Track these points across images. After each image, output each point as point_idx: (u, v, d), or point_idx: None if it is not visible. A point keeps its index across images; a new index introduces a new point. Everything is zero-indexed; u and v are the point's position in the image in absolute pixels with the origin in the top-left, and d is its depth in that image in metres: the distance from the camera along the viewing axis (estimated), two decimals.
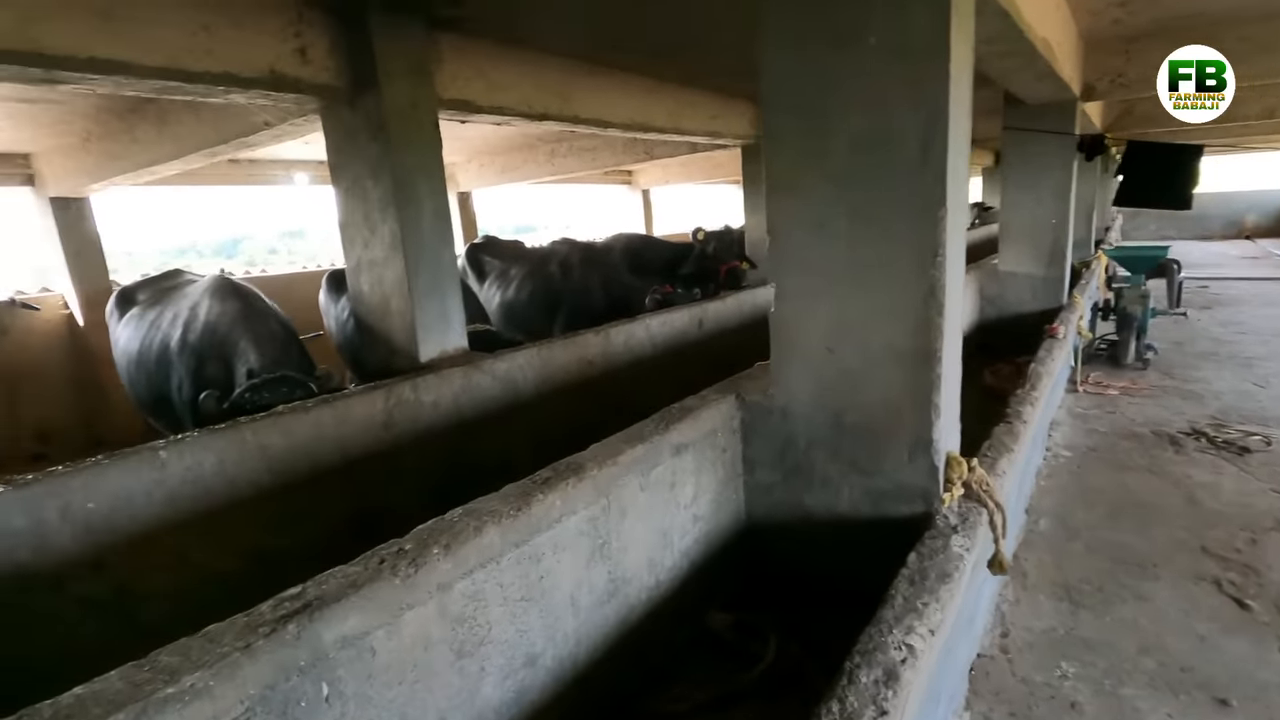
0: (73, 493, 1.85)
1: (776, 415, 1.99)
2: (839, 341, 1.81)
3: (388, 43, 2.81)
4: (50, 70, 2.10)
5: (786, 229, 1.84)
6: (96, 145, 4.77)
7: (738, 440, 2.10)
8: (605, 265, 5.25)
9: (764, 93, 1.81)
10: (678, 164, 10.55)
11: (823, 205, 1.76)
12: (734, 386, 2.16)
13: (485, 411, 3.04)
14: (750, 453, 2.10)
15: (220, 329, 2.91)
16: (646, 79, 4.56)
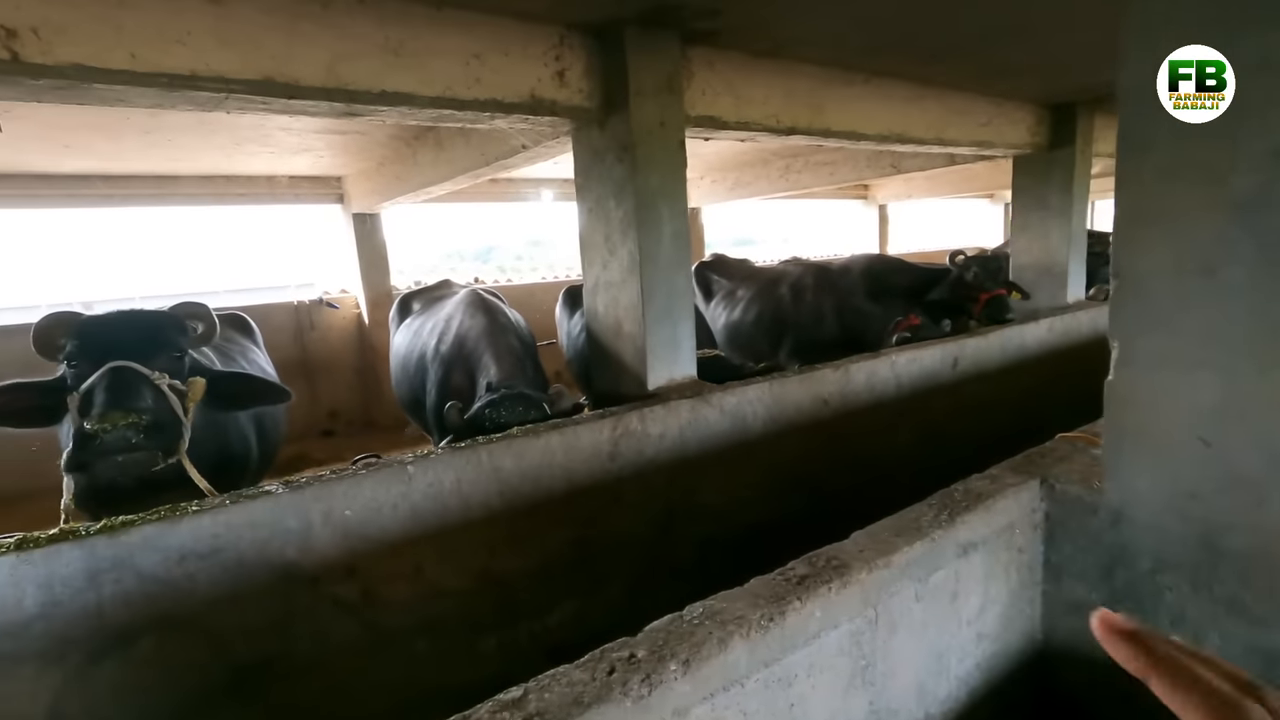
0: (335, 499, 1.97)
1: (1104, 517, 1.49)
2: (1224, 432, 1.28)
3: (640, 60, 2.73)
4: (350, 104, 2.30)
5: (1146, 272, 1.35)
6: (388, 169, 5.47)
7: (1038, 540, 1.62)
8: (841, 290, 4.81)
9: (1124, 85, 1.35)
10: (924, 177, 9.61)
11: (1213, 244, 1.26)
12: (1034, 467, 1.69)
13: (710, 448, 2.83)
14: (1055, 558, 1.61)
15: (467, 342, 3.05)
16: (909, 85, 4.06)
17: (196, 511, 1.77)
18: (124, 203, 5.64)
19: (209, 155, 4.86)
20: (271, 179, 5.90)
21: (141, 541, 1.70)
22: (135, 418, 1.83)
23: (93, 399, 1.84)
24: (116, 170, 5.17)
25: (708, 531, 2.84)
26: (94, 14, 1.85)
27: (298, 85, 2.17)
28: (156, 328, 2.07)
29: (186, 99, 2.08)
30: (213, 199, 5.87)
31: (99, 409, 1.82)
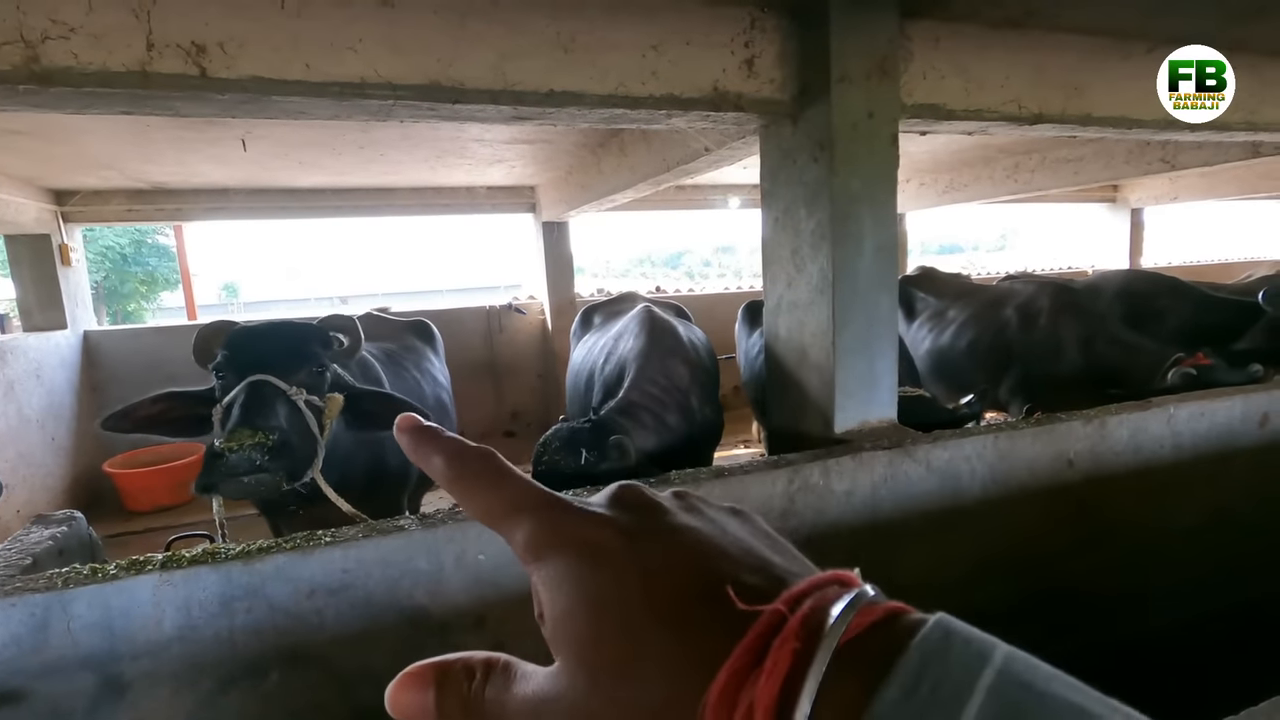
0: (469, 541, 1.78)
1: None
2: None
3: (847, 40, 2.28)
4: (517, 106, 2.12)
5: None
6: (574, 177, 5.47)
7: None
8: (1090, 315, 3.89)
9: None
10: (1198, 175, 7.80)
11: None
12: None
13: (912, 511, 2.29)
14: None
15: (624, 364, 2.80)
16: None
17: (329, 543, 1.67)
18: (351, 213, 6.25)
19: (415, 168, 5.17)
20: (471, 190, 6.21)
21: (274, 571, 1.62)
22: (263, 437, 1.78)
23: (229, 414, 1.82)
24: (343, 184, 5.72)
25: None
26: (272, 25, 1.84)
27: (463, 88, 2.04)
28: (300, 340, 2.04)
29: (357, 108, 2.03)
30: (422, 209, 6.31)
31: (230, 426, 1.78)
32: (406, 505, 2.95)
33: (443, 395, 3.29)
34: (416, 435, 0.40)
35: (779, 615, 0.29)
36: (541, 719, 0.31)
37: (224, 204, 5.70)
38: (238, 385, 1.91)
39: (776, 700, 0.26)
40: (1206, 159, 5.07)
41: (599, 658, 0.31)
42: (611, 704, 0.30)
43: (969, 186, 6.91)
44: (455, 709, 0.35)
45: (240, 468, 1.76)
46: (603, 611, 0.31)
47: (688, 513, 0.37)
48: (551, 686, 0.32)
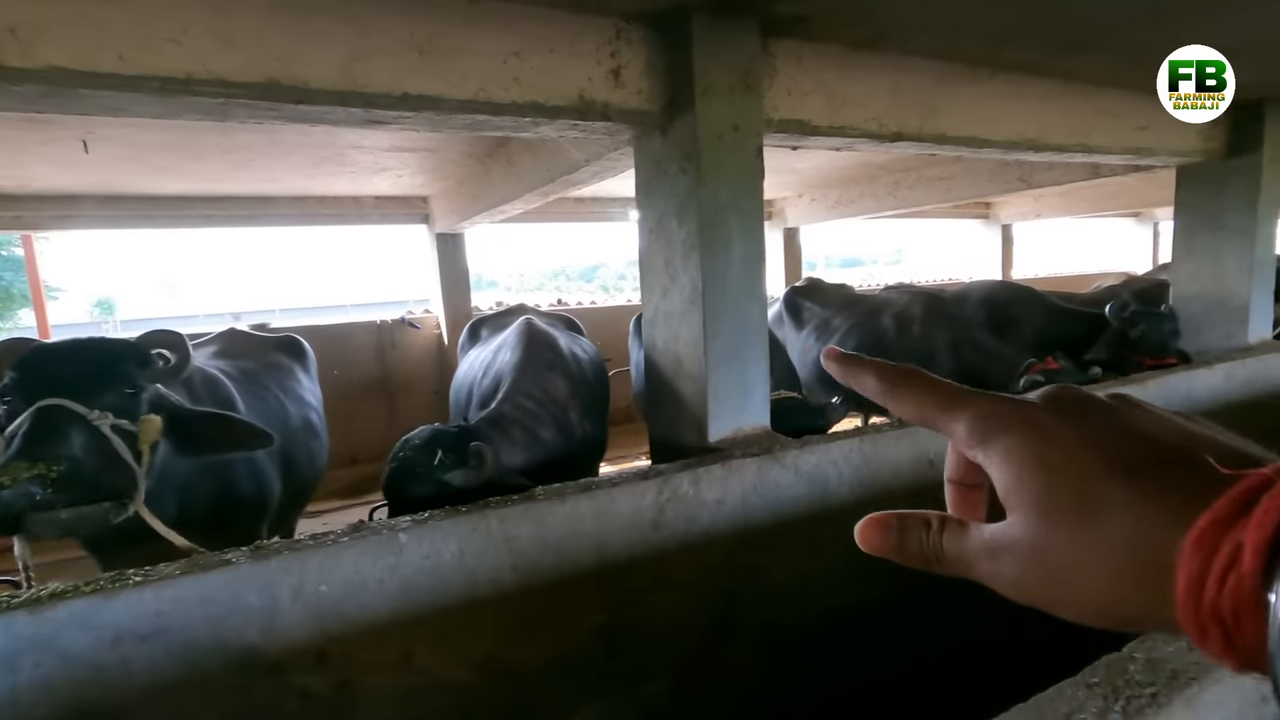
0: (308, 572, 1.65)
1: None
2: None
3: (710, 54, 2.31)
4: (369, 109, 2.02)
5: None
6: (465, 188, 5.34)
7: None
8: (957, 321, 4.13)
9: None
10: (1056, 194, 8.55)
11: None
12: None
13: (782, 517, 2.33)
14: None
15: (500, 378, 2.72)
16: (1046, 80, 3.40)
17: (139, 583, 1.50)
18: (224, 223, 5.84)
19: (291, 176, 4.89)
20: (357, 199, 5.94)
21: (70, 618, 1.44)
22: (43, 468, 1.58)
23: (12, 444, 1.62)
24: (211, 192, 5.33)
25: (775, 619, 2.33)
26: (77, 10, 1.67)
27: (307, 88, 1.92)
28: (107, 359, 1.83)
29: (185, 105, 1.87)
30: (304, 219, 5.98)
31: (5, 458, 1.58)
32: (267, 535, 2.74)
33: (311, 416, 3.08)
34: (844, 361, 0.47)
35: (1265, 478, 0.32)
36: (998, 558, 0.38)
37: (72, 211, 5.19)
38: (24, 412, 1.69)
39: (1270, 540, 0.29)
40: (1056, 179, 5.54)
41: (1057, 506, 0.36)
42: (1070, 543, 0.36)
43: (855, 202, 7.26)
44: (914, 549, 0.44)
45: (15, 504, 1.55)
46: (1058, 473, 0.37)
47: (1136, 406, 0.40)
48: (1006, 533, 0.38)
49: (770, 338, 3.84)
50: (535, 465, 2.43)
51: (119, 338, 2.00)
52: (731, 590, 2.25)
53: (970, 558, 0.40)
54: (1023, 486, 0.38)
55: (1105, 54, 3.13)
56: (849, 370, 0.47)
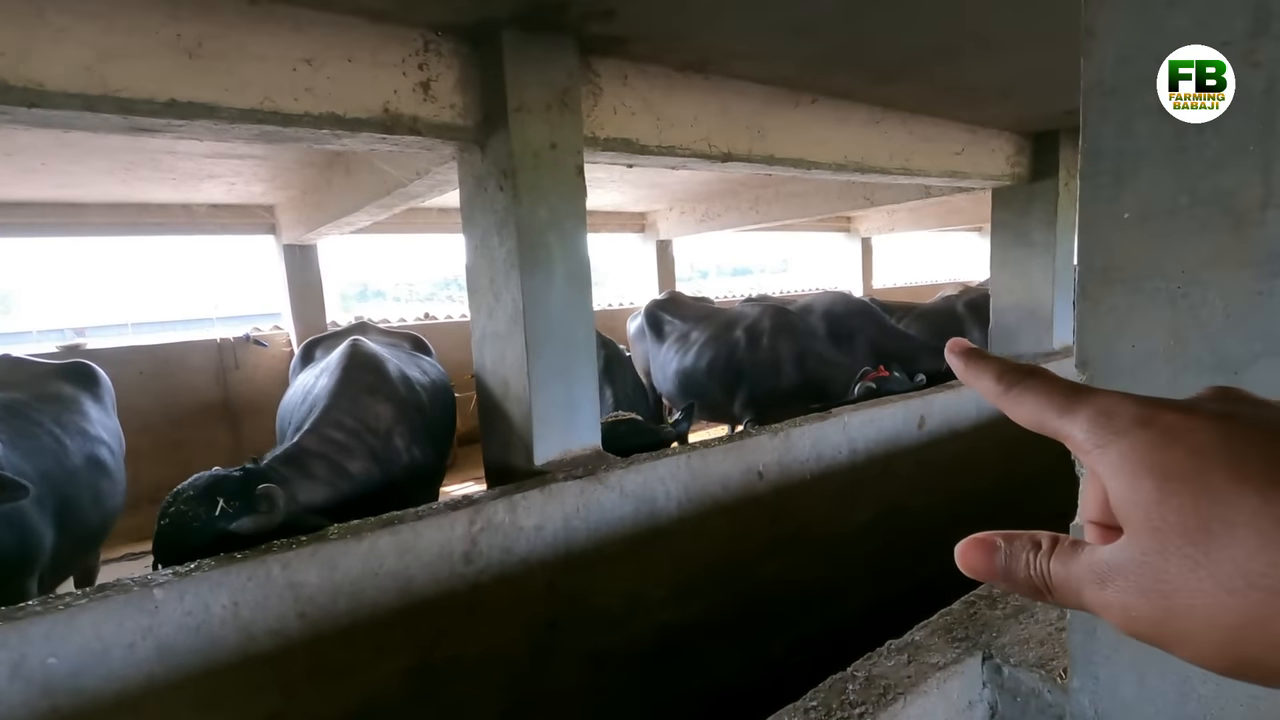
0: (30, 644, 1.44)
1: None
2: None
3: (522, 70, 2.27)
4: (128, 116, 1.82)
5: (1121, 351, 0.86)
6: (310, 197, 5.02)
7: None
8: (801, 334, 4.32)
9: None
10: (906, 210, 9.22)
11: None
12: (976, 628, 1.17)
13: (608, 538, 2.31)
14: None
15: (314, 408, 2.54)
16: (868, 108, 3.63)
17: None
18: (26, 232, 5.17)
19: (100, 182, 4.40)
20: (188, 207, 5.44)
21: None
22: None
23: None
24: (6, 197, 4.70)
25: (603, 644, 2.30)
26: None
27: (43, 90, 1.70)
28: None
29: None
30: (124, 228, 5.40)
31: None
32: (41, 589, 2.40)
33: (99, 452, 2.74)
34: (967, 356, 0.43)
35: None
36: (1106, 583, 0.34)
37: None
38: None
39: None
40: (896, 197, 5.95)
41: (1173, 522, 0.32)
42: (1188, 567, 0.31)
43: (721, 215, 7.48)
44: (1022, 574, 0.38)
45: None
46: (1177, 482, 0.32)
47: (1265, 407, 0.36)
48: (1116, 554, 0.34)
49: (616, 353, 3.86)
50: (345, 500, 2.27)
51: None
52: (554, 618, 2.20)
53: (1078, 583, 0.35)
54: (1136, 497, 0.33)
55: (914, 85, 3.37)
56: (970, 367, 0.42)
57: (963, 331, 5.67)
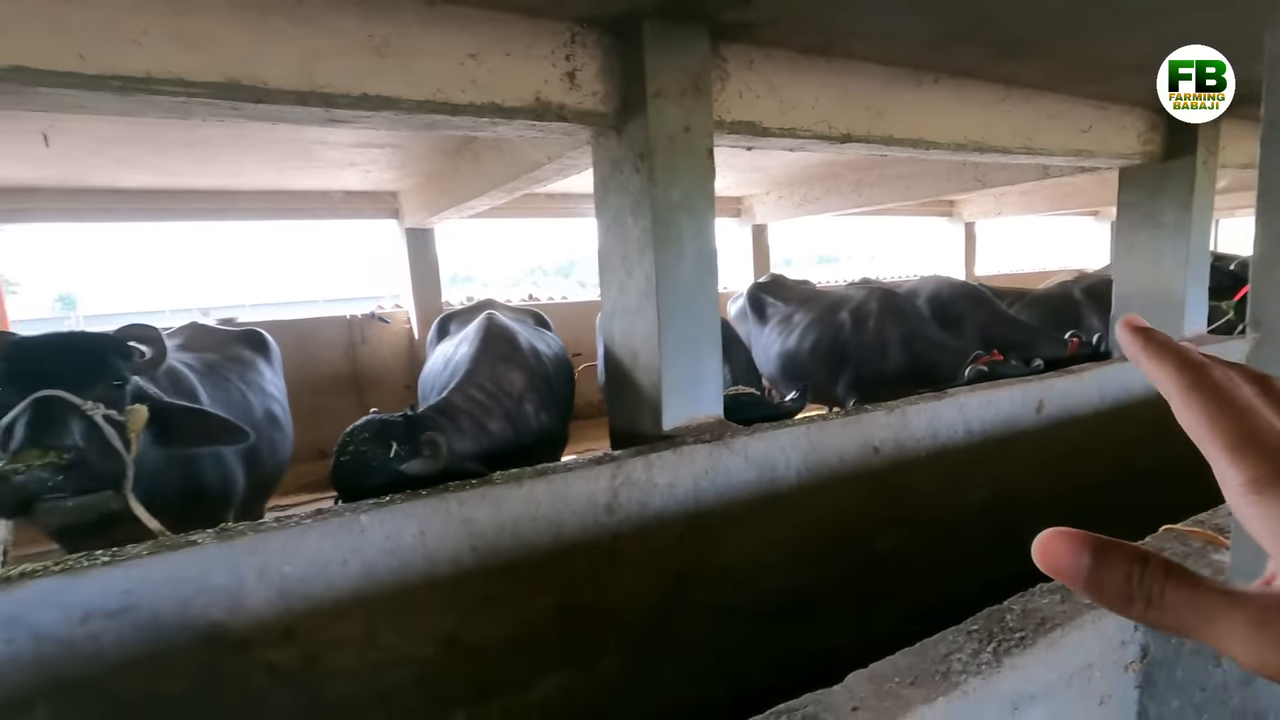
0: (272, 552, 1.73)
1: (1232, 668, 1.03)
2: None
3: (660, 58, 2.41)
4: (329, 109, 2.09)
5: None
6: (435, 184, 5.38)
7: (1131, 685, 1.17)
8: (909, 317, 4.30)
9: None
10: (1016, 193, 8.81)
11: None
12: None
13: (732, 501, 2.45)
14: (1159, 712, 1.15)
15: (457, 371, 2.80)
16: (990, 86, 3.56)
17: (107, 563, 1.57)
18: (187, 217, 5.80)
19: (257, 171, 4.90)
20: (326, 194, 5.94)
21: (39, 597, 1.50)
22: (55, 456, 1.65)
23: (12, 434, 1.67)
24: (175, 185, 5.30)
25: (726, 599, 2.45)
26: (39, 10, 1.71)
27: (266, 88, 1.98)
28: (94, 352, 1.90)
29: (147, 104, 1.93)
30: (271, 214, 5.97)
31: (14, 446, 1.64)
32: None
33: (274, 408, 3.13)
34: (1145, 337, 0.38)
35: None
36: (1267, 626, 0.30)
37: (33, 205, 5.13)
38: (20, 402, 1.74)
39: None
40: (1010, 178, 5.74)
41: None
42: None
43: (820, 199, 7.43)
44: (1116, 584, 0.34)
45: (31, 489, 1.61)
46: None
47: None
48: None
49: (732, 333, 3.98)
50: (483, 456, 2.51)
51: (99, 332, 2.05)
52: (683, 571, 2.37)
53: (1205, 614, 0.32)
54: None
55: (1041, 61, 3.29)
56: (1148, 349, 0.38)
57: (1079, 319, 5.44)
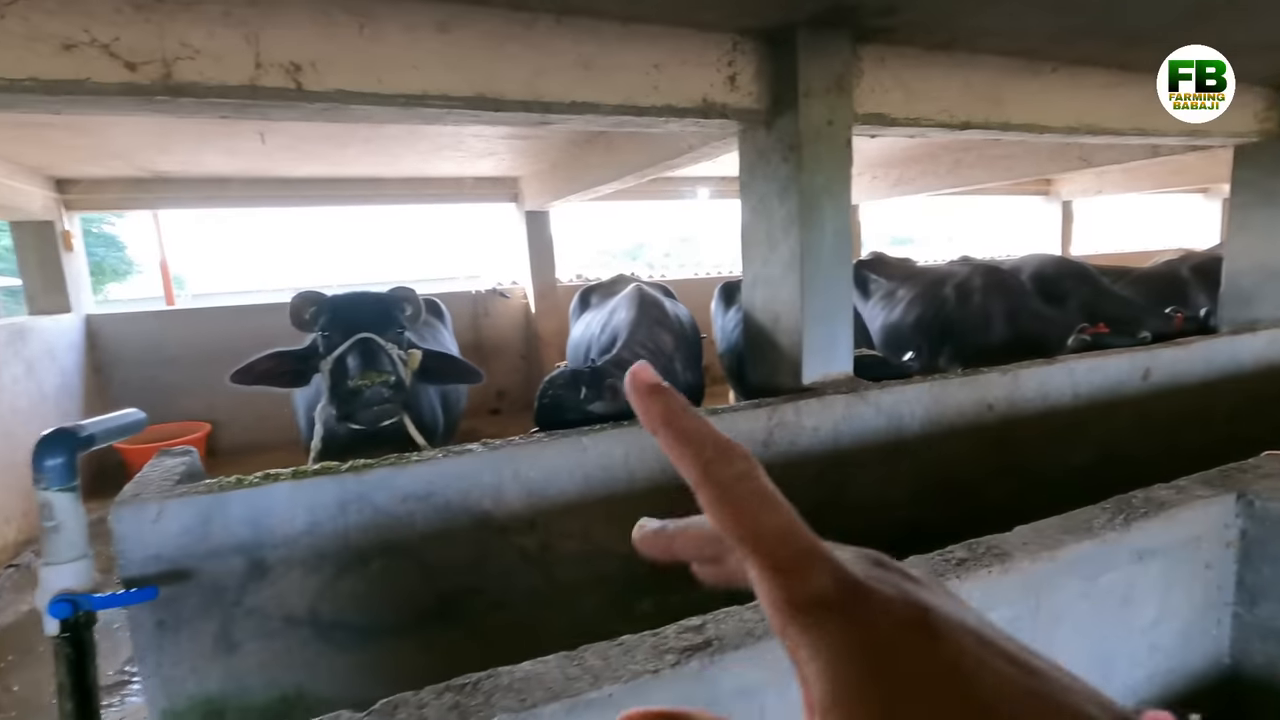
0: (521, 461, 2.25)
1: None
2: None
3: (811, 61, 2.80)
4: (545, 115, 2.58)
5: None
6: (560, 171, 5.90)
7: (1231, 558, 1.53)
8: (1013, 293, 4.53)
9: None
10: (1119, 171, 8.64)
11: None
12: (1231, 482, 1.58)
13: (865, 444, 2.85)
14: (1252, 579, 1.51)
15: (617, 334, 3.29)
16: (1104, 72, 3.76)
17: (417, 461, 2.13)
18: (342, 202, 6.56)
19: (412, 160, 5.54)
20: (459, 180, 6.58)
21: (377, 481, 2.07)
22: (385, 378, 2.23)
23: (347, 363, 2.26)
24: (339, 174, 6.03)
25: (856, 527, 2.86)
26: (353, 48, 2.26)
27: (502, 99, 2.49)
28: (387, 307, 2.48)
29: (417, 115, 2.47)
30: (411, 198, 6.66)
31: (357, 370, 2.23)
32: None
33: None
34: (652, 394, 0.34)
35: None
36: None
37: (220, 193, 5.96)
38: (342, 343, 2.35)
39: None
40: (1116, 157, 5.79)
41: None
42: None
43: (915, 180, 7.58)
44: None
45: (373, 400, 2.21)
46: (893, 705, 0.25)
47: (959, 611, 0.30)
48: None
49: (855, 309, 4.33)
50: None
51: (385, 292, 2.64)
52: (820, 502, 2.79)
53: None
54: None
55: (1160, 46, 3.46)
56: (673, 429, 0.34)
57: (1186, 296, 5.49)
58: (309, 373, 2.57)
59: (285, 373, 2.55)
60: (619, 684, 0.95)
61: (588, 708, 0.93)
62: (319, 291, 2.56)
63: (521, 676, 1.00)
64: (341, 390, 2.25)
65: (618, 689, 0.94)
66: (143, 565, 1.84)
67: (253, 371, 2.51)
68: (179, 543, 1.86)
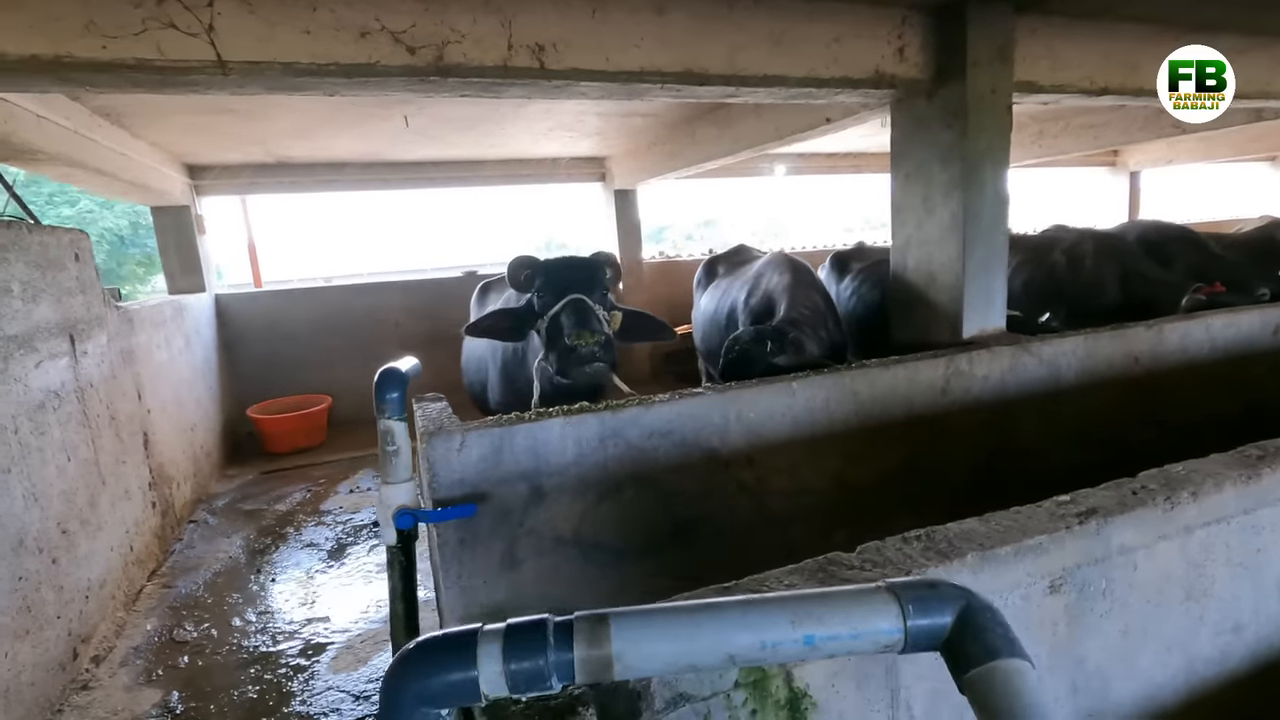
0: (743, 402, 2.49)
1: None
2: None
3: (978, 33, 2.96)
4: (739, 88, 2.79)
5: None
6: (659, 148, 6.09)
7: None
8: (1125, 255, 4.65)
9: None
10: (1195, 139, 8.59)
11: None
12: None
13: (1028, 392, 3.04)
14: None
15: (773, 296, 3.50)
16: (1234, 36, 3.84)
17: (659, 401, 2.37)
18: (442, 184, 6.83)
19: (523, 140, 5.77)
20: (555, 161, 6.80)
21: (630, 419, 2.32)
22: (597, 338, 2.47)
23: (561, 321, 2.51)
24: (445, 157, 6.29)
25: (1023, 468, 3.06)
26: (586, 30, 2.48)
27: (706, 74, 2.70)
28: (595, 270, 2.73)
29: (633, 91, 2.69)
30: (505, 179, 6.91)
31: (573, 329, 2.47)
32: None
33: None
34: None
35: None
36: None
37: (336, 177, 6.26)
38: (557, 303, 2.59)
39: None
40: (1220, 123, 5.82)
41: None
42: None
43: None
44: None
45: (588, 357, 2.46)
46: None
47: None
48: None
49: None
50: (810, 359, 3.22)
51: (589, 256, 2.88)
52: (990, 446, 3.00)
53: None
54: None
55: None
56: None
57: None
58: (525, 329, 2.83)
59: (506, 328, 2.82)
60: (1045, 536, 1.17)
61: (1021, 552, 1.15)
62: (533, 256, 2.80)
63: (957, 533, 1.23)
64: (559, 346, 2.49)
65: (1043, 539, 1.17)
66: (449, 489, 2.11)
67: (480, 326, 2.78)
68: (478, 469, 2.12)
